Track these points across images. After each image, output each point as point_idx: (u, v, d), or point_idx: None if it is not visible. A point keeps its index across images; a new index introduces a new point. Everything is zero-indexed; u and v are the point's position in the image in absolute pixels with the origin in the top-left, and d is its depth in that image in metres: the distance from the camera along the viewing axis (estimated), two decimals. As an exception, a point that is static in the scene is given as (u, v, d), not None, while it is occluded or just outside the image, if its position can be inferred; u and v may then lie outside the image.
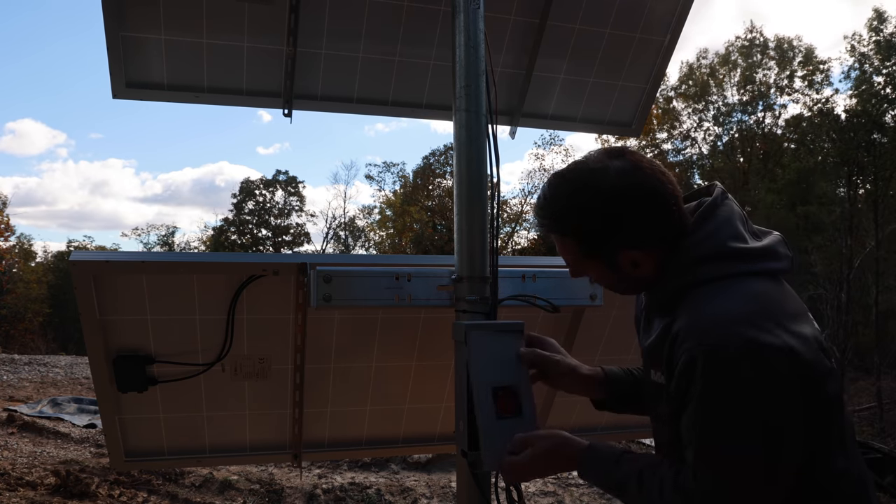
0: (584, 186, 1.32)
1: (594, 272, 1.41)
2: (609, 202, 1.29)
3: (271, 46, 2.36)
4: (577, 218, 1.33)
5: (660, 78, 2.77)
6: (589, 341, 2.43)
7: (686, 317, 1.24)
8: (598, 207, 1.30)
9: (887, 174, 19.23)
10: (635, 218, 1.29)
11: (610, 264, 1.36)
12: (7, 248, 34.49)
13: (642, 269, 1.35)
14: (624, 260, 1.34)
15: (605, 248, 1.34)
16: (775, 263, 1.30)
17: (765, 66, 26.48)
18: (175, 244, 43.59)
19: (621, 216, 1.29)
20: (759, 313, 1.18)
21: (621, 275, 1.38)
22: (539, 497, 5.99)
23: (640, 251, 1.32)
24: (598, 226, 1.31)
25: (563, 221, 1.36)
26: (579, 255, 1.38)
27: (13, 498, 5.17)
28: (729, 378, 1.15)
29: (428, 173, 36.59)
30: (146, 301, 1.94)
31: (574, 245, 1.37)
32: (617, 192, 1.29)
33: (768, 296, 1.23)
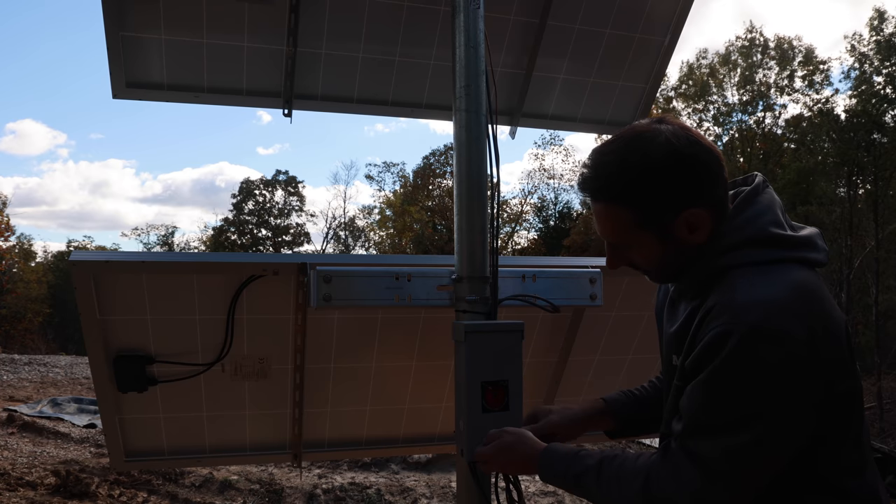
0: (638, 148, 1.26)
1: (642, 249, 1.32)
2: (665, 160, 1.24)
3: (271, 46, 2.36)
4: (634, 180, 1.25)
5: (660, 78, 2.77)
6: (589, 341, 2.43)
7: (722, 296, 1.21)
8: (654, 166, 1.24)
9: (887, 174, 19.23)
10: (693, 174, 1.25)
11: (663, 233, 1.28)
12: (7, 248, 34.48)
13: (698, 233, 1.27)
14: (680, 224, 1.26)
15: (662, 210, 1.26)
16: (814, 254, 1.28)
17: (765, 66, 26.48)
18: (175, 244, 43.59)
19: (679, 173, 1.24)
20: (797, 302, 1.16)
21: (672, 247, 1.30)
22: (539, 497, 5.99)
23: (699, 208, 1.25)
24: (656, 185, 1.25)
25: (617, 187, 1.27)
26: (631, 225, 1.29)
27: (13, 498, 5.17)
28: (755, 359, 1.13)
29: (428, 173, 36.59)
30: (146, 301, 1.94)
31: (626, 214, 1.28)
32: (672, 150, 1.24)
33: (807, 285, 1.21)
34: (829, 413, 1.20)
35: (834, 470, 1.24)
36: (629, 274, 2.31)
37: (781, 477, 1.21)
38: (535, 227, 36.48)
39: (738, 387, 1.14)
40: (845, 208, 19.59)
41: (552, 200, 36.07)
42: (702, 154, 1.25)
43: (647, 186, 1.25)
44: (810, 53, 25.76)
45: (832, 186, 21.09)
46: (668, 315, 1.44)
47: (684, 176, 1.24)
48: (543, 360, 2.43)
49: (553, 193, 36.16)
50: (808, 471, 1.23)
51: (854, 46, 20.97)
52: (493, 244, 1.76)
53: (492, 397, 1.62)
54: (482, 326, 1.66)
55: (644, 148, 1.25)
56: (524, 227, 36.32)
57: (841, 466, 1.24)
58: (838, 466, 1.24)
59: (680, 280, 1.36)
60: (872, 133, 19.35)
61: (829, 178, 21.18)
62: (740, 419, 1.15)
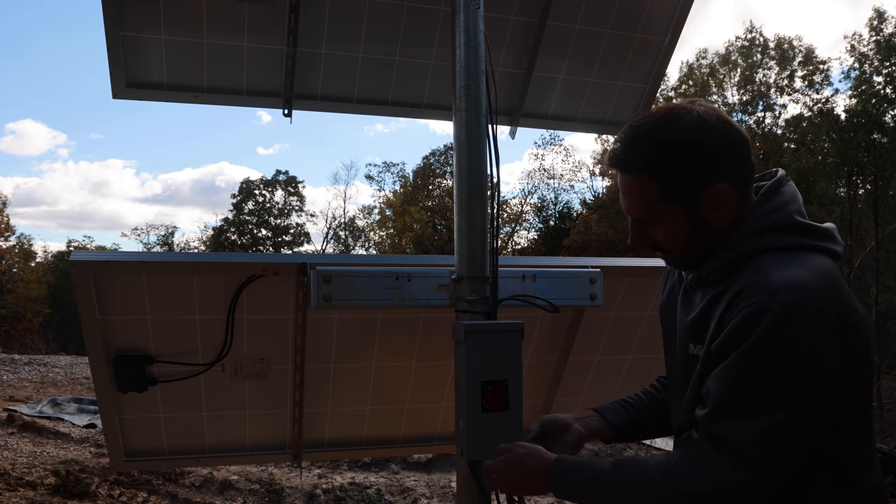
0: (670, 122, 1.29)
1: (667, 225, 1.33)
2: (698, 134, 1.26)
3: (271, 46, 2.36)
4: (665, 151, 1.27)
5: (660, 78, 2.77)
6: (589, 341, 2.43)
7: (753, 276, 1.22)
8: (686, 140, 1.27)
9: (887, 174, 19.23)
10: (723, 150, 1.27)
11: (689, 208, 1.29)
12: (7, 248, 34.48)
13: (723, 212, 1.29)
14: (707, 199, 1.28)
15: (690, 183, 1.28)
16: (836, 246, 1.31)
17: (765, 66, 26.48)
18: (175, 244, 43.59)
19: (710, 148, 1.27)
20: (827, 288, 1.18)
21: (697, 225, 1.31)
22: (539, 497, 5.99)
23: (726, 184, 1.27)
24: (686, 158, 1.27)
25: (648, 157, 1.29)
26: (658, 198, 1.30)
27: (13, 498, 5.17)
28: (789, 337, 1.14)
29: (428, 173, 36.59)
30: (146, 301, 1.94)
31: (655, 186, 1.29)
32: (704, 126, 1.27)
33: (834, 274, 1.24)
34: (849, 400, 1.22)
35: (847, 460, 1.26)
36: (629, 274, 2.32)
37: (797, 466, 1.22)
38: (535, 227, 36.49)
39: (772, 364, 1.15)
40: (845, 208, 19.58)
41: (552, 200, 36.07)
42: (732, 133, 1.29)
43: (678, 158, 1.27)
44: (810, 53, 25.74)
45: (832, 186, 21.09)
46: (683, 305, 1.44)
47: (714, 151, 1.27)
48: (543, 360, 2.43)
49: (553, 193, 36.16)
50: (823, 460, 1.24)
51: (854, 46, 20.97)
52: (493, 244, 1.76)
53: (492, 397, 1.62)
54: (482, 326, 1.66)
55: (676, 122, 1.28)
56: (524, 227, 36.33)
57: (853, 457, 1.26)
58: (851, 457, 1.26)
59: (702, 266, 1.36)
60: (872, 133, 19.35)
61: (829, 178, 21.18)
62: (773, 398, 1.15)
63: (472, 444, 1.60)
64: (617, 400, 1.69)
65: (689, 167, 1.27)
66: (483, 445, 1.59)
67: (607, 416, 1.62)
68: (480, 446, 1.59)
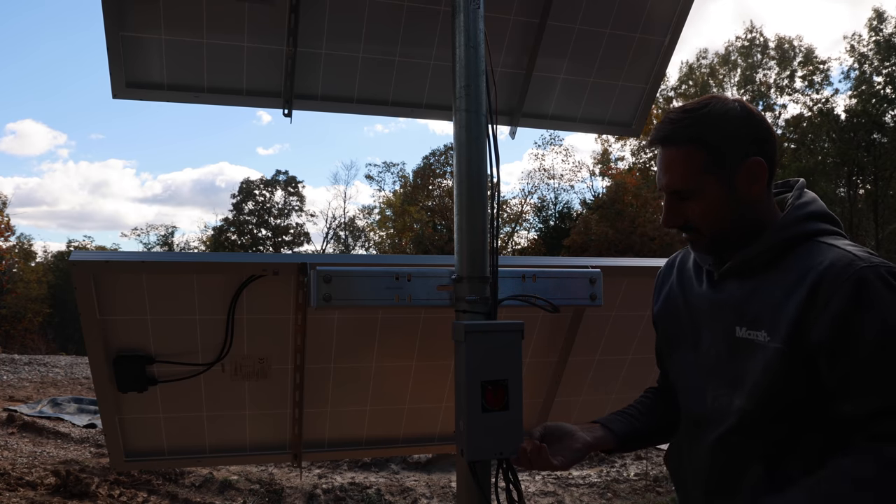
0: (713, 102, 1.42)
1: (705, 198, 1.41)
2: (738, 110, 1.40)
3: (271, 46, 2.36)
4: (712, 123, 1.39)
5: (660, 78, 2.77)
6: (589, 341, 2.43)
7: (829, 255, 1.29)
8: (728, 113, 1.40)
9: (887, 174, 19.24)
10: (760, 126, 1.41)
11: (728, 180, 1.39)
12: (7, 248, 34.49)
13: (757, 187, 1.39)
14: (745, 171, 1.38)
15: (732, 152, 1.38)
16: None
17: (765, 66, 26.47)
18: (175, 244, 43.59)
19: (749, 122, 1.40)
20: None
21: (733, 198, 1.39)
22: (539, 497, 5.99)
23: (764, 158, 1.39)
24: (729, 128, 1.39)
25: (693, 129, 1.40)
26: (700, 168, 1.39)
27: (13, 498, 5.17)
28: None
29: (428, 173, 36.60)
30: (146, 301, 1.94)
31: (698, 156, 1.39)
32: (745, 108, 1.42)
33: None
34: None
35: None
36: (629, 274, 2.32)
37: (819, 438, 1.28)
38: (535, 227, 36.50)
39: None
40: (845, 208, 19.58)
41: (552, 200, 36.09)
42: (764, 118, 1.45)
43: (721, 129, 1.39)
44: (810, 53, 25.75)
45: (832, 186, 21.10)
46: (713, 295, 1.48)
47: (753, 126, 1.40)
48: (543, 360, 2.43)
49: (553, 193, 36.18)
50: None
51: (853, 47, 20.98)
52: (493, 244, 1.76)
53: (492, 397, 1.62)
54: (482, 326, 1.66)
55: (721, 103, 1.42)
56: (524, 227, 36.35)
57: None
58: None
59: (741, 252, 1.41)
60: (872, 133, 19.36)
61: (829, 178, 21.18)
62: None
63: (472, 444, 1.60)
64: (615, 412, 1.71)
65: (732, 138, 1.39)
66: (483, 445, 1.59)
67: (611, 426, 1.64)
68: (480, 446, 1.59)
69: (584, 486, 6.28)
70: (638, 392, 1.84)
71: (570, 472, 6.49)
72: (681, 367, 1.60)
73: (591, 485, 6.27)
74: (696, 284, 1.56)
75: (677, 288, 1.62)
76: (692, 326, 1.54)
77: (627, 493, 6.16)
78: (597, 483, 6.32)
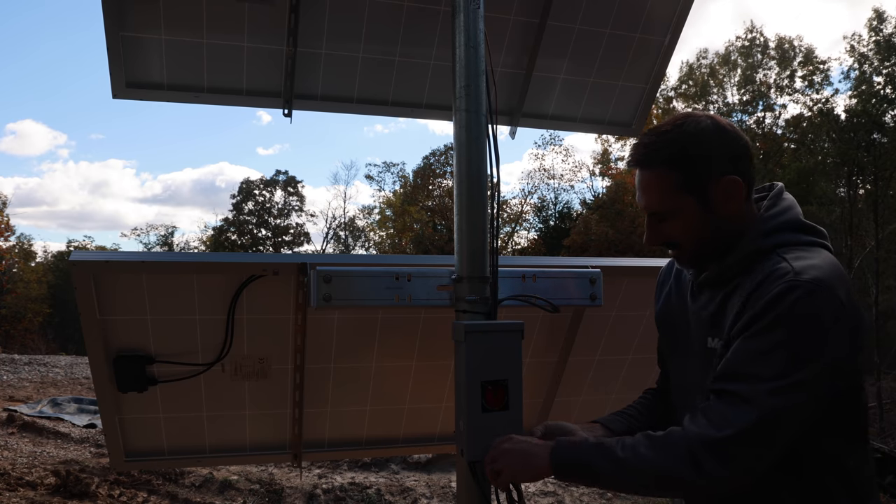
0: (686, 122, 1.44)
1: (682, 217, 1.43)
2: (711, 128, 1.42)
3: (271, 46, 2.36)
4: (684, 144, 1.41)
5: (660, 78, 2.77)
6: (589, 341, 2.43)
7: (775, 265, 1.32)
8: (701, 132, 1.41)
9: (887, 174, 19.22)
10: (733, 143, 1.42)
11: (703, 198, 1.41)
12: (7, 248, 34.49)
13: (732, 204, 1.41)
14: (719, 189, 1.40)
15: (705, 171, 1.40)
16: (830, 244, 1.44)
17: (765, 66, 26.46)
18: (175, 244, 43.59)
19: (721, 140, 1.42)
20: (840, 275, 1.31)
21: (709, 217, 1.42)
22: (539, 497, 5.99)
23: (738, 175, 1.40)
24: (701, 148, 1.41)
25: (667, 151, 1.42)
26: (675, 189, 1.42)
27: (13, 498, 5.17)
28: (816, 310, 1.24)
29: (428, 173, 36.58)
30: (146, 301, 1.94)
31: (673, 177, 1.42)
32: (718, 126, 1.43)
33: (840, 265, 1.36)
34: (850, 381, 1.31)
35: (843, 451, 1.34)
36: (629, 274, 2.32)
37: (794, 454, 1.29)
38: (535, 227, 36.48)
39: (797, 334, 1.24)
40: (845, 208, 19.57)
41: (552, 200, 36.07)
42: (740, 136, 1.45)
43: (694, 149, 1.41)
44: (810, 53, 25.74)
45: (832, 186, 21.07)
46: (694, 307, 1.53)
47: (725, 143, 1.42)
48: (543, 360, 2.43)
49: (553, 193, 36.15)
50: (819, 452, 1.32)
51: (853, 47, 20.96)
52: (493, 244, 1.76)
53: (492, 397, 1.62)
54: (482, 326, 1.66)
55: (694, 122, 1.44)
56: (524, 227, 36.33)
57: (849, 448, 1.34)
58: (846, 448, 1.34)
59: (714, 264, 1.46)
60: (872, 133, 19.33)
61: (829, 178, 21.16)
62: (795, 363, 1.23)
63: (472, 444, 1.60)
64: (614, 412, 1.74)
65: (705, 157, 1.40)
66: (483, 445, 1.59)
67: (610, 426, 1.67)
68: (480, 446, 1.59)
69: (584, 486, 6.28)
70: (638, 392, 1.84)
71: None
72: (677, 373, 1.63)
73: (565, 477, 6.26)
74: (686, 292, 1.59)
75: (675, 292, 1.64)
76: (687, 333, 1.56)
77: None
78: (597, 483, 6.30)
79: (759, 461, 1.24)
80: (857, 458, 1.35)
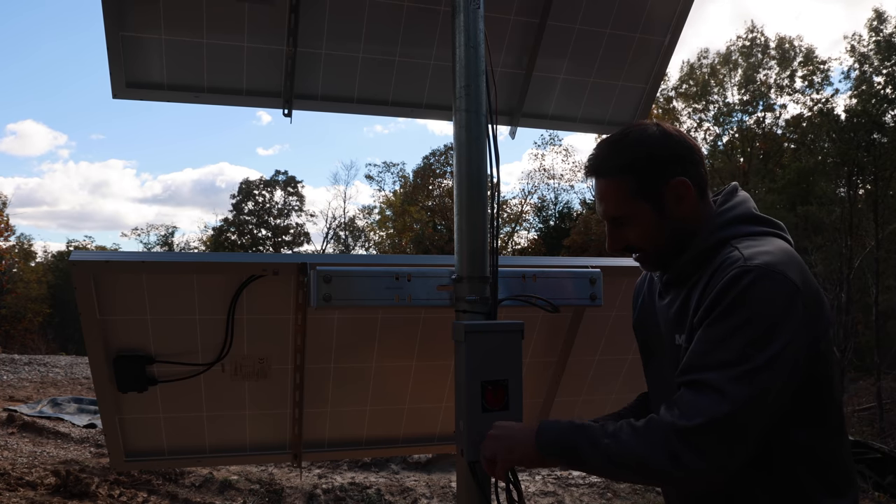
0: (634, 131, 1.51)
1: (639, 222, 1.49)
2: (657, 135, 1.48)
3: (271, 46, 2.36)
4: (633, 151, 1.47)
5: (660, 78, 2.77)
6: (589, 341, 2.43)
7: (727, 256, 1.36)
8: (648, 140, 1.48)
9: (887, 174, 19.21)
10: (679, 147, 1.48)
11: (656, 202, 1.46)
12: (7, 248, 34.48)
13: (685, 205, 1.46)
14: (670, 192, 1.45)
15: (654, 175, 1.46)
16: (788, 236, 1.47)
17: (765, 66, 26.46)
18: (175, 244, 43.59)
19: (668, 145, 1.48)
20: (791, 261, 1.33)
21: (664, 220, 1.47)
22: (539, 497, 5.99)
23: (687, 178, 1.46)
24: (649, 154, 1.47)
25: (618, 159, 1.49)
26: (628, 195, 1.47)
27: (13, 498, 5.17)
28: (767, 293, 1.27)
29: (428, 173, 36.59)
30: (146, 301, 1.94)
31: (625, 183, 1.47)
32: (663, 131, 1.49)
33: (794, 252, 1.39)
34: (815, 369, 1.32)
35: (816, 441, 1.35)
36: (629, 274, 2.32)
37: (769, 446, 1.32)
38: (535, 227, 36.48)
39: (752, 317, 1.26)
40: (845, 208, 19.55)
41: (552, 200, 36.07)
42: (687, 139, 1.51)
43: (642, 155, 1.47)
44: (810, 53, 25.75)
45: (832, 186, 21.06)
46: (661, 308, 1.57)
47: (672, 148, 1.48)
48: (543, 360, 2.43)
49: (553, 193, 36.16)
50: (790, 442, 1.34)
51: (854, 47, 20.96)
52: (493, 244, 1.77)
53: (492, 397, 1.62)
54: (482, 326, 1.66)
55: (641, 130, 1.50)
56: (524, 227, 36.34)
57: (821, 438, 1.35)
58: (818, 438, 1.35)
59: (673, 264, 1.50)
60: (872, 133, 19.33)
61: (829, 178, 21.15)
62: (754, 346, 1.25)
63: (472, 444, 1.60)
64: (609, 414, 1.77)
65: (654, 161, 1.47)
66: None
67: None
68: (480, 446, 1.59)
69: (584, 485, 6.29)
70: (638, 392, 1.85)
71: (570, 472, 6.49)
72: (654, 379, 1.67)
73: (591, 485, 6.28)
74: (655, 295, 1.63)
75: (648, 297, 1.69)
76: (659, 335, 1.59)
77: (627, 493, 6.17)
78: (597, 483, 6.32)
79: (732, 456, 1.24)
80: (831, 450, 1.36)
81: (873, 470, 6.72)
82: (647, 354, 1.69)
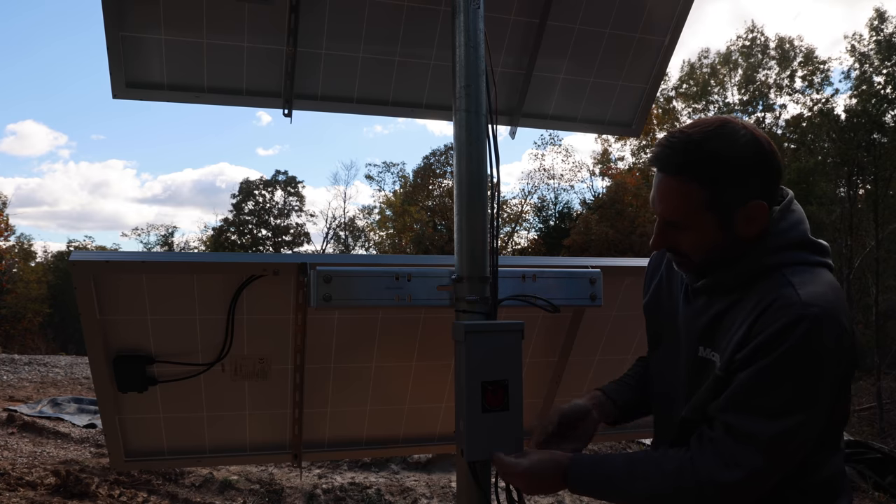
0: (724, 135, 1.33)
1: (698, 232, 1.37)
2: (750, 150, 1.33)
3: (271, 46, 2.36)
4: (719, 163, 1.32)
5: (660, 78, 2.77)
6: (589, 341, 2.43)
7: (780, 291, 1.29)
8: (739, 154, 1.32)
9: (887, 174, 19.22)
10: (769, 169, 1.35)
11: (725, 219, 1.34)
12: (7, 248, 34.50)
13: (753, 226, 1.35)
14: (744, 213, 1.34)
15: (734, 195, 1.33)
16: (831, 261, 1.42)
17: (765, 66, 26.47)
18: (175, 244, 43.59)
19: (759, 165, 1.34)
20: (841, 302, 1.29)
21: (726, 236, 1.36)
22: (539, 497, 5.99)
23: (764, 201, 1.33)
24: (736, 171, 1.32)
25: (700, 165, 1.32)
26: (699, 205, 1.34)
27: (13, 498, 5.17)
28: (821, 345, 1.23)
29: (428, 173, 36.59)
30: (146, 301, 1.94)
31: (699, 193, 1.33)
32: (757, 145, 1.34)
33: (839, 288, 1.35)
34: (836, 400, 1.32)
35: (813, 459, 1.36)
36: (629, 274, 2.32)
37: None
38: (535, 227, 36.49)
39: (806, 370, 1.23)
40: (845, 208, 19.57)
41: (552, 200, 36.08)
42: (775, 154, 1.37)
43: (729, 170, 1.32)
44: (810, 53, 25.76)
45: (832, 186, 21.07)
46: (687, 309, 1.51)
47: (762, 169, 1.34)
48: (543, 360, 2.43)
49: (553, 193, 36.17)
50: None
51: (854, 47, 20.97)
52: (493, 244, 1.76)
53: (492, 397, 1.62)
54: (482, 326, 1.66)
55: (731, 136, 1.33)
56: (524, 227, 36.34)
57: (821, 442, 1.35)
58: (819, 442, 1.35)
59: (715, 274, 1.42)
60: (872, 133, 19.34)
61: (829, 178, 21.16)
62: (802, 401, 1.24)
63: (472, 444, 1.60)
64: (614, 380, 1.75)
65: (737, 181, 1.32)
66: (483, 445, 1.59)
67: (612, 395, 1.68)
68: (480, 446, 1.59)
69: (584, 486, 6.27)
70: None
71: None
72: (659, 367, 1.63)
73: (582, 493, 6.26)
74: (678, 289, 1.57)
75: (667, 287, 1.62)
76: (674, 335, 1.55)
77: (627, 493, 6.13)
78: (597, 483, 6.30)
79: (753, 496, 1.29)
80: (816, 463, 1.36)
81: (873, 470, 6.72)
82: (655, 339, 1.63)
